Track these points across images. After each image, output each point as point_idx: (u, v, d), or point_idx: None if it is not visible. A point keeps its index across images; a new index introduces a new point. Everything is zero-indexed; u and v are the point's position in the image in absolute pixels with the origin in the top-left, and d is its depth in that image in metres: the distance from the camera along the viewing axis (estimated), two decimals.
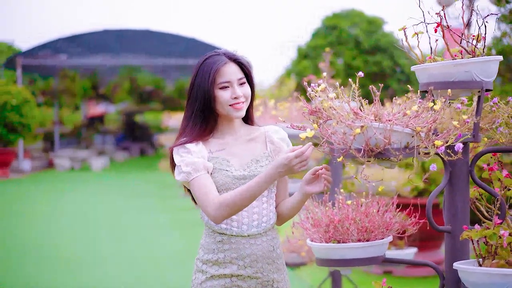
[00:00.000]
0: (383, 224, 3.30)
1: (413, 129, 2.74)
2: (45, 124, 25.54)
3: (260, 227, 3.08)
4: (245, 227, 3.06)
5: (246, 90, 3.12)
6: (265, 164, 3.10)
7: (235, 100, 3.06)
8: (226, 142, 3.14)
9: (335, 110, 2.79)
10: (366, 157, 2.77)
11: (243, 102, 3.09)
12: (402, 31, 3.07)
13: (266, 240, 3.09)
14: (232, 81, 3.07)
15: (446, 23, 3.03)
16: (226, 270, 3.05)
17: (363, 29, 21.93)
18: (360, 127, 2.72)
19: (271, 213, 3.13)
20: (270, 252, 3.10)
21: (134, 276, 7.88)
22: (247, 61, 3.16)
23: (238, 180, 3.05)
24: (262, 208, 3.09)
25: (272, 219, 3.13)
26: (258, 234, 3.07)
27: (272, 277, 3.11)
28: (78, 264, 8.46)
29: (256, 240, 3.06)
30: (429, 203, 2.96)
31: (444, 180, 3.07)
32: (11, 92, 19.87)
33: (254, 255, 3.06)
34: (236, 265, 3.05)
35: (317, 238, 3.38)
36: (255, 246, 3.06)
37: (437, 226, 3.01)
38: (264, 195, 3.09)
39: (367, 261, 3.27)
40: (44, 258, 8.80)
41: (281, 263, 3.17)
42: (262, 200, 3.09)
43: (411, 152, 2.78)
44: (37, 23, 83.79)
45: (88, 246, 9.73)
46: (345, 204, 3.41)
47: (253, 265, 3.06)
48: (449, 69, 2.94)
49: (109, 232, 11.01)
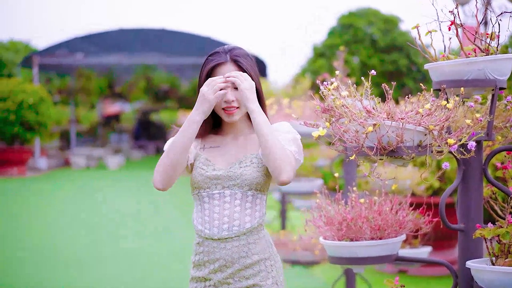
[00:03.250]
0: (396, 223, 3.30)
1: (425, 127, 2.74)
2: (62, 123, 25.62)
3: (231, 231, 2.92)
4: (215, 230, 2.92)
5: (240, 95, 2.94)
6: (246, 165, 2.94)
7: (226, 104, 2.95)
8: (224, 139, 3.06)
9: (347, 108, 2.79)
10: (379, 155, 2.77)
11: (236, 107, 2.96)
12: (416, 29, 3.06)
13: (239, 245, 2.92)
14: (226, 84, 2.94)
15: (460, 21, 3.02)
16: (200, 273, 2.98)
17: (379, 27, 21.87)
18: (373, 125, 2.72)
19: (247, 218, 2.94)
20: (243, 258, 2.92)
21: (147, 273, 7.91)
22: (250, 62, 3.00)
23: (210, 180, 2.95)
24: (233, 211, 2.92)
25: (247, 224, 2.93)
26: (229, 238, 2.92)
27: (248, 283, 2.93)
28: (91, 262, 8.49)
29: (227, 245, 2.92)
30: (442, 202, 2.95)
31: (458, 178, 3.07)
32: (28, 91, 19.96)
33: (223, 259, 2.92)
34: (208, 268, 2.95)
35: (330, 236, 3.38)
36: (225, 250, 2.92)
37: (450, 224, 3.01)
38: (237, 199, 2.93)
39: (380, 259, 3.27)
40: (57, 256, 8.83)
41: (263, 269, 2.96)
42: (234, 204, 2.93)
43: (424, 151, 2.78)
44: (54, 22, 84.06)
45: (103, 244, 9.76)
46: (358, 202, 3.41)
47: (223, 270, 2.93)
48: (462, 67, 2.94)
49: (124, 230, 11.04)
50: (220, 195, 2.94)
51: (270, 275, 2.97)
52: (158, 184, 2.89)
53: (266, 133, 2.83)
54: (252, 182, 2.93)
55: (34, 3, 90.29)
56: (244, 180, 2.92)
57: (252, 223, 2.94)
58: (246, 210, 2.94)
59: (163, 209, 13.51)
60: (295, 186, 6.92)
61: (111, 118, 31.99)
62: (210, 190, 2.96)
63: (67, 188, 17.02)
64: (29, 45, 30.32)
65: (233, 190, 2.93)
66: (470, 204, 3.07)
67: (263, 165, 2.95)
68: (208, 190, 2.96)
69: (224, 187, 2.94)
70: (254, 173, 2.93)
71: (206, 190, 2.96)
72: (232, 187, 2.93)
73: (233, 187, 2.93)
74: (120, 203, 14.52)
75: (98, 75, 28.61)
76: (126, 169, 23.53)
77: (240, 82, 2.89)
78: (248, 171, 2.93)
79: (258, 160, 2.95)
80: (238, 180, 2.93)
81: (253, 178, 2.92)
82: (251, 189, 2.94)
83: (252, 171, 2.93)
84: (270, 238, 3.06)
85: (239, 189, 2.93)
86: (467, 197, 3.08)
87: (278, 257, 3.07)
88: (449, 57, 3.09)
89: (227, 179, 2.93)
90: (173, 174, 2.89)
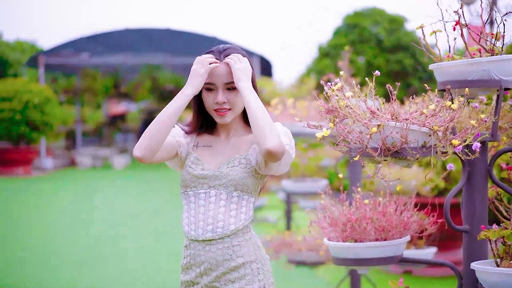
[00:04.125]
0: (400, 224, 3.29)
1: (430, 128, 2.72)
2: (67, 123, 25.70)
3: (215, 233, 2.85)
4: (200, 231, 2.87)
5: (233, 96, 2.90)
6: (234, 165, 2.89)
7: (217, 105, 2.90)
8: (217, 140, 3.01)
9: (351, 109, 2.77)
10: (383, 156, 2.76)
11: (228, 109, 2.90)
12: (421, 29, 3.05)
13: (223, 247, 2.85)
14: (217, 84, 2.89)
15: (464, 21, 3.01)
16: (188, 277, 2.93)
17: (385, 27, 21.86)
18: (377, 126, 2.70)
19: (231, 219, 2.87)
20: (227, 261, 2.85)
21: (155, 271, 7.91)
22: (244, 64, 2.89)
23: (197, 179, 2.91)
24: (218, 212, 2.86)
25: (231, 226, 2.86)
26: (213, 240, 2.86)
27: (233, 287, 2.86)
28: (91, 262, 8.49)
29: (211, 247, 2.86)
30: (447, 203, 2.94)
31: (462, 179, 3.05)
32: (34, 90, 20.00)
33: (208, 262, 2.86)
34: (195, 272, 2.90)
35: (334, 237, 3.37)
36: (210, 253, 2.86)
37: (454, 225, 2.99)
38: (222, 199, 2.88)
39: (384, 260, 3.26)
40: (57, 256, 8.84)
41: (249, 272, 2.88)
42: (219, 204, 2.87)
43: (428, 151, 2.76)
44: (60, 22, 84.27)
45: (106, 244, 9.77)
46: (362, 203, 3.40)
47: (208, 273, 2.87)
48: (466, 68, 2.92)
49: (127, 230, 11.05)
50: (206, 194, 2.89)
51: (257, 278, 2.89)
52: (137, 152, 2.81)
53: (255, 105, 2.79)
54: (238, 183, 2.86)
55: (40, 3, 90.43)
56: (230, 180, 2.86)
57: (236, 225, 2.87)
58: (231, 211, 2.88)
59: (164, 209, 13.52)
60: (300, 186, 6.91)
61: (117, 118, 32.06)
62: (197, 190, 2.91)
63: (71, 189, 17.04)
64: (35, 45, 30.40)
65: (218, 190, 2.88)
66: (475, 205, 3.06)
67: (251, 167, 2.89)
68: (195, 189, 2.92)
69: (210, 186, 2.89)
70: (241, 173, 2.87)
71: (193, 189, 2.92)
72: (217, 187, 2.88)
73: (219, 187, 2.88)
74: (122, 203, 14.52)
75: (104, 75, 28.65)
76: (132, 169, 23.54)
77: (233, 62, 2.86)
78: (235, 172, 2.87)
79: (246, 161, 2.90)
80: (224, 180, 2.87)
81: (239, 178, 2.86)
82: (237, 189, 2.87)
83: (238, 171, 2.87)
84: (259, 241, 2.98)
85: (224, 189, 2.87)
86: (472, 198, 3.07)
87: (267, 260, 2.98)
88: (454, 57, 3.07)
89: (213, 178, 2.89)
90: (155, 144, 2.82)
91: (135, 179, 19.55)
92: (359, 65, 20.61)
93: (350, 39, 21.65)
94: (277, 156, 2.72)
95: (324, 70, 20.37)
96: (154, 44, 25.12)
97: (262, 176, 2.94)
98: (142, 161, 2.85)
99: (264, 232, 10.10)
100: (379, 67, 21.19)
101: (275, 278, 3.04)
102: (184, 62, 26.87)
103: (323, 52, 22.10)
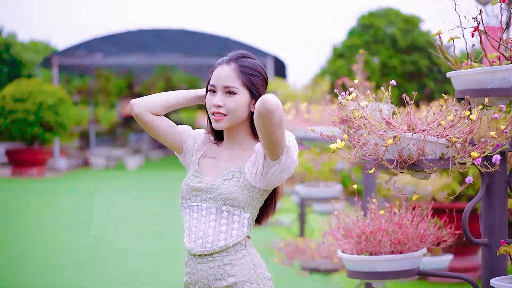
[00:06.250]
0: (417, 236, 3.19)
1: (448, 140, 2.63)
2: (81, 123, 25.69)
3: (204, 248, 2.74)
4: (192, 244, 2.77)
5: (230, 102, 2.75)
6: (226, 178, 2.76)
7: (214, 108, 2.77)
8: (221, 151, 2.90)
9: (366, 119, 2.68)
10: (399, 169, 2.66)
11: (223, 114, 2.76)
12: (438, 36, 2.96)
13: (214, 266, 2.74)
14: (217, 86, 2.77)
15: (483, 27, 2.91)
16: None
17: (400, 27, 21.72)
18: (393, 138, 2.61)
19: (221, 235, 2.73)
20: (218, 281, 2.73)
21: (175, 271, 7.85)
22: (251, 71, 2.77)
23: (192, 191, 2.81)
24: (208, 226, 2.74)
25: (221, 242, 2.73)
26: (202, 255, 2.75)
27: None
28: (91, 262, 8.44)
29: (203, 265, 2.75)
30: (465, 216, 2.84)
31: (481, 191, 2.96)
32: (47, 91, 20.00)
33: (201, 282, 2.76)
34: None
35: (348, 249, 3.28)
36: (202, 272, 2.75)
37: (473, 239, 2.90)
38: (212, 213, 2.75)
39: (400, 274, 3.17)
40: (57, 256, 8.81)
41: None
42: (209, 218, 2.75)
43: (446, 164, 2.67)
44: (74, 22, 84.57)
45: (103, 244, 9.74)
46: (377, 213, 3.31)
47: None
48: (486, 76, 2.83)
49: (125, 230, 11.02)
50: (198, 208, 2.79)
51: None
52: (133, 101, 2.83)
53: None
54: (227, 197, 2.73)
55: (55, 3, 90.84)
56: (219, 194, 2.74)
57: (226, 241, 2.73)
58: (221, 227, 2.74)
59: (164, 209, 13.48)
60: (314, 191, 6.81)
61: (130, 118, 32.04)
62: (191, 202, 2.82)
63: (86, 189, 17.01)
64: (49, 45, 30.44)
65: (208, 204, 2.76)
66: (494, 218, 2.96)
67: (245, 180, 2.74)
68: (189, 201, 2.83)
69: (202, 200, 2.79)
70: (231, 187, 2.73)
71: (187, 201, 2.83)
72: (208, 201, 2.77)
73: (209, 201, 2.77)
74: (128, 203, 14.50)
75: (117, 75, 28.66)
76: (145, 169, 23.52)
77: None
78: (225, 185, 2.74)
79: (240, 174, 2.75)
80: (214, 194, 2.76)
81: (229, 192, 2.72)
82: (226, 204, 2.73)
83: (229, 185, 2.74)
84: (256, 259, 2.81)
85: (214, 203, 2.75)
86: (491, 211, 2.97)
87: (265, 279, 2.80)
88: (473, 65, 2.97)
89: (206, 192, 2.78)
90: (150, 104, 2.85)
91: (150, 180, 19.50)
92: (374, 66, 20.49)
93: (364, 40, 21.52)
94: (271, 109, 2.48)
95: (338, 71, 20.27)
96: (167, 44, 25.08)
97: (259, 190, 2.76)
98: (133, 110, 2.83)
99: (278, 235, 10.02)
100: (394, 68, 21.08)
101: (287, 285, 2.94)
102: (197, 63, 26.83)
103: (338, 52, 21.98)
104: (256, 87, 2.77)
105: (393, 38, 21.64)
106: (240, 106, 2.75)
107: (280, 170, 2.68)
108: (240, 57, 2.81)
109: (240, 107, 2.75)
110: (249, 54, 2.85)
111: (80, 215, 12.81)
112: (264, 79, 2.81)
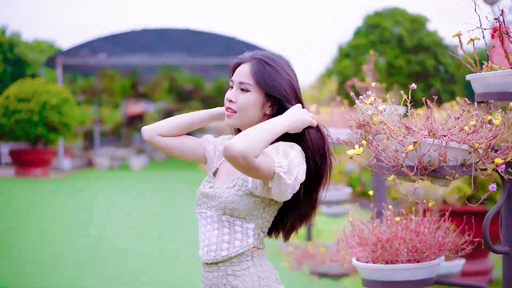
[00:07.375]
0: (435, 244, 3.09)
1: (470, 146, 2.52)
2: (85, 123, 25.64)
3: (209, 256, 2.66)
4: (201, 251, 2.71)
5: (241, 98, 2.67)
6: (229, 186, 2.66)
7: (227, 103, 2.70)
8: None
9: (385, 125, 2.56)
10: (419, 176, 2.55)
11: (234, 111, 2.68)
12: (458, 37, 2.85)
13: (217, 276, 2.66)
14: (234, 81, 2.70)
15: (505, 28, 2.80)
16: None
17: (406, 27, 21.59)
18: (413, 143, 2.50)
19: (224, 245, 2.65)
20: None
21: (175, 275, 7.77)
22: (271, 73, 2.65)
23: (202, 197, 2.74)
24: (212, 234, 2.67)
25: (224, 252, 2.64)
26: (210, 264, 2.67)
27: None
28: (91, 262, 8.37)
29: (209, 274, 2.68)
30: (485, 225, 2.74)
31: (501, 199, 2.85)
32: (51, 91, 19.93)
33: None
34: None
35: (363, 257, 3.18)
36: (207, 280, 2.68)
37: (494, 247, 2.79)
38: (214, 221, 2.66)
39: (418, 283, 3.07)
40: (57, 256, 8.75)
41: None
42: (213, 226, 2.67)
43: (468, 170, 2.56)
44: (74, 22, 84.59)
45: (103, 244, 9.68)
46: (393, 221, 3.21)
47: None
48: (508, 79, 2.72)
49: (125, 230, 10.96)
50: (205, 215, 2.71)
51: None
52: (143, 132, 2.87)
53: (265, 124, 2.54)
54: (227, 207, 2.62)
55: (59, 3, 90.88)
56: (220, 203, 2.64)
57: (229, 251, 2.64)
58: (223, 236, 2.65)
59: (165, 209, 13.41)
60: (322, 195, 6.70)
61: (135, 118, 31.97)
62: (201, 208, 2.74)
63: (89, 189, 16.94)
64: (53, 45, 30.38)
65: (211, 212, 2.68)
66: None
67: (246, 189, 2.63)
68: (199, 207, 2.75)
69: (208, 207, 2.70)
70: (231, 196, 2.62)
71: (198, 207, 2.76)
72: (211, 208, 2.68)
73: (212, 209, 2.68)
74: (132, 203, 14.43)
75: (122, 75, 28.59)
76: (149, 169, 23.44)
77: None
78: (225, 193, 2.65)
79: (243, 182, 2.64)
80: (216, 202, 2.67)
81: (228, 202, 2.62)
82: (225, 213, 2.64)
83: (230, 193, 2.64)
84: (263, 271, 2.68)
85: (215, 212, 2.66)
86: None
87: None
88: (493, 67, 2.86)
89: (211, 199, 2.70)
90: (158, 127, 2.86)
91: (155, 180, 19.42)
92: (380, 65, 20.38)
93: (370, 40, 21.41)
94: (232, 157, 2.37)
95: (344, 71, 20.16)
96: (172, 44, 25.00)
97: (263, 199, 2.64)
98: (143, 136, 2.88)
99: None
100: (400, 68, 20.97)
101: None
102: (202, 62, 26.74)
103: (343, 52, 21.87)
104: (274, 89, 2.64)
105: (399, 38, 21.52)
106: (251, 105, 2.66)
107: (278, 191, 2.54)
108: (263, 57, 2.71)
109: (251, 106, 2.66)
110: (275, 57, 2.73)
111: (81, 215, 12.76)
112: (289, 84, 2.67)
